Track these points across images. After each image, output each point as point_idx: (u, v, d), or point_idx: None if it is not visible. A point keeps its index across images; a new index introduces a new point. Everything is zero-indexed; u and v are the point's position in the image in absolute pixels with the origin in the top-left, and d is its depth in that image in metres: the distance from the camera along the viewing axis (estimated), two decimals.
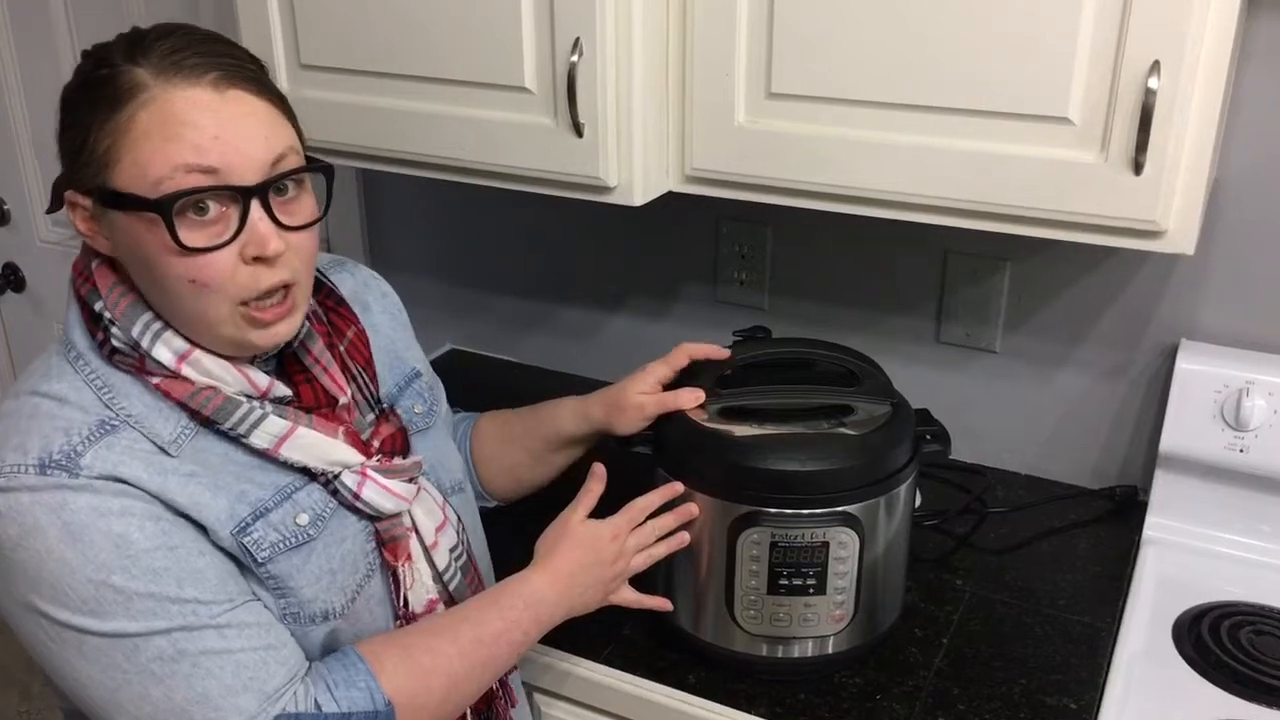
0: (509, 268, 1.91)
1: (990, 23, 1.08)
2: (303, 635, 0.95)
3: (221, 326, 0.90)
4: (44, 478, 0.85)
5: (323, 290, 1.06)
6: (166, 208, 0.85)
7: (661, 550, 1.14)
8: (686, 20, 1.22)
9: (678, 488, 1.14)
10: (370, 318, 1.13)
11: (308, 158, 0.94)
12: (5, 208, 2.30)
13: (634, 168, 1.26)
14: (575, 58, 1.20)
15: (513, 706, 1.16)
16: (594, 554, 1.08)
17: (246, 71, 0.90)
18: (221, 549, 0.91)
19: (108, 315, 0.91)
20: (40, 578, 0.85)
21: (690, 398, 1.18)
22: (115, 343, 0.91)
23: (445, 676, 0.96)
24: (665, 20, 1.23)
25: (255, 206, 0.88)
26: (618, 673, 1.22)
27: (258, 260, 0.89)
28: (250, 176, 0.88)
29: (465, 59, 1.28)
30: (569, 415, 1.25)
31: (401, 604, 1.02)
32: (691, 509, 1.15)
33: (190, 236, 0.86)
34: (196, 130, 0.85)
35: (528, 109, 1.27)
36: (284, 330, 0.93)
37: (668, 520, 1.14)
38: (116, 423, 0.89)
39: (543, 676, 1.26)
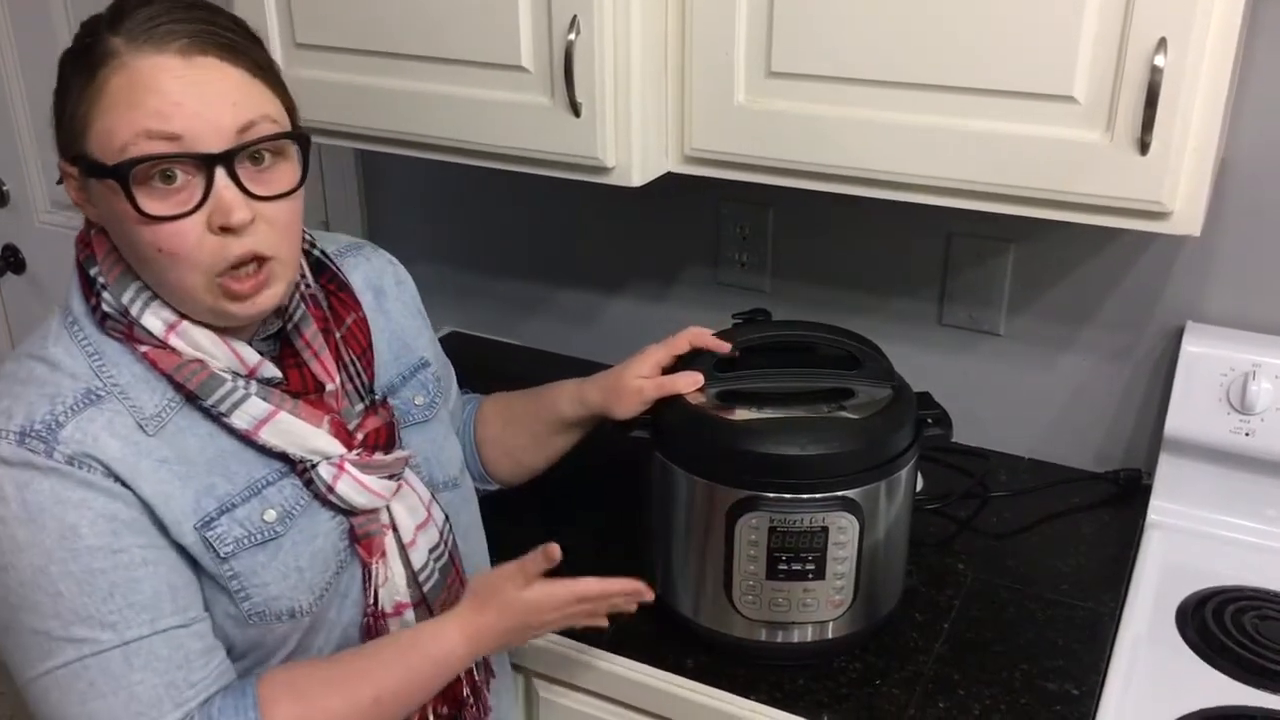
0: (509, 250, 1.89)
1: None
2: (268, 633, 0.95)
3: (198, 296, 0.90)
4: (19, 450, 0.85)
5: (325, 274, 1.05)
6: (124, 174, 0.85)
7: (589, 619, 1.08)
8: None
9: (641, 590, 1.06)
10: (384, 303, 1.13)
11: (294, 127, 0.92)
12: (5, 189, 2.29)
13: (632, 148, 1.24)
14: (573, 36, 1.19)
15: (491, 678, 1.15)
16: (524, 621, 1.02)
17: (219, 38, 0.88)
18: (180, 546, 0.90)
19: (101, 280, 0.92)
20: None
21: (689, 381, 1.17)
22: (106, 308, 0.91)
23: None
24: None
25: (220, 175, 0.87)
26: (616, 658, 1.21)
27: (225, 230, 0.87)
28: (215, 144, 0.86)
29: (462, 37, 1.27)
30: (566, 399, 1.24)
31: (371, 602, 1.01)
32: (643, 594, 1.06)
33: (153, 205, 0.86)
34: (159, 96, 0.84)
35: (525, 88, 1.26)
36: (264, 301, 0.92)
37: (618, 601, 1.07)
38: (103, 393, 0.89)
39: (541, 661, 1.25)
